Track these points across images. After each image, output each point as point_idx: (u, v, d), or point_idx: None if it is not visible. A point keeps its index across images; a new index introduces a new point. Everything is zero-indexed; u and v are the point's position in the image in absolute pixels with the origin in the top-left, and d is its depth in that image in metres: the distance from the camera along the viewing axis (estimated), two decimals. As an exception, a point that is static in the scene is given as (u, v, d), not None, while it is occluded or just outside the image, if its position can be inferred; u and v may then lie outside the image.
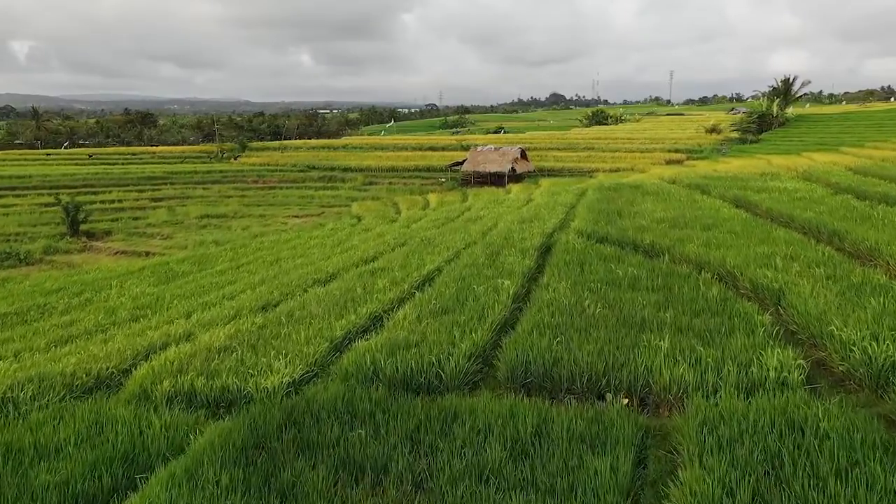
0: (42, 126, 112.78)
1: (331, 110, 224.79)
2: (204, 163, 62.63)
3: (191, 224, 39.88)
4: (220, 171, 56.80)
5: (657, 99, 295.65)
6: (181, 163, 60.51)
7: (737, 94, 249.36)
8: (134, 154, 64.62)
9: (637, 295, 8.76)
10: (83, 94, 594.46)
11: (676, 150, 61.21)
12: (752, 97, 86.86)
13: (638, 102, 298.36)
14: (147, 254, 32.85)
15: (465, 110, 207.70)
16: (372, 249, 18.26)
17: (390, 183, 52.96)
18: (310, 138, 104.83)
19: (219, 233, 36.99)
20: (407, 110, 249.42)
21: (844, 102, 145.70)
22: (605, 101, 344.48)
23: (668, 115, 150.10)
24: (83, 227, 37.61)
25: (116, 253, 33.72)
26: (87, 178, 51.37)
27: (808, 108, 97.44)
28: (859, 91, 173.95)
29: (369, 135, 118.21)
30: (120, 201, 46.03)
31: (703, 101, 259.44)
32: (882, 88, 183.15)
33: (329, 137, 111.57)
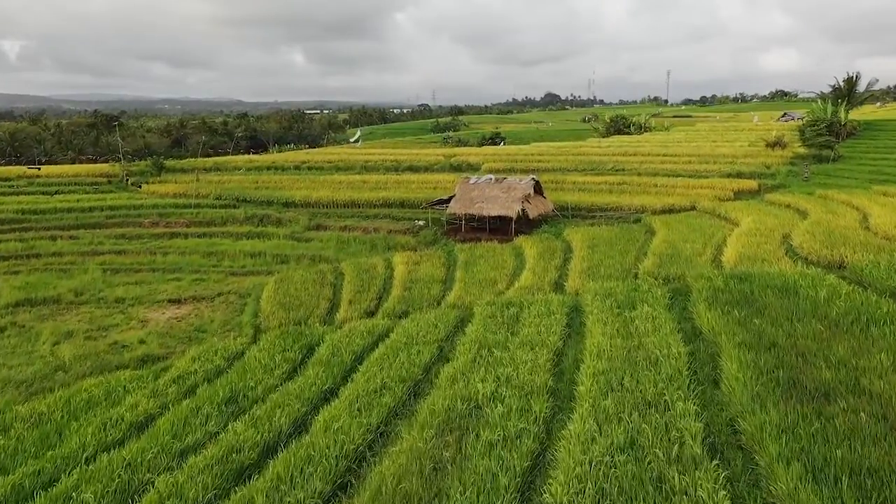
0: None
1: (321, 110, 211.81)
2: (98, 192, 45.73)
3: (-19, 324, 23.44)
4: (110, 208, 40.02)
5: (655, 99, 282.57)
6: (55, 195, 43.27)
7: (740, 93, 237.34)
8: (6, 179, 47.60)
9: None
10: (74, 94, 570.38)
11: (739, 174, 45.08)
12: (810, 97, 71.05)
13: (634, 102, 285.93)
14: None
15: (458, 111, 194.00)
16: None
17: (344, 228, 36.54)
18: (289, 143, 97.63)
19: None
20: (399, 110, 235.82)
21: (879, 104, 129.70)
22: (601, 101, 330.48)
23: (674, 116, 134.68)
24: None
25: None
26: None
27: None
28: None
29: (353, 139, 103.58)
30: (-86, 267, 29.56)
31: (703, 102, 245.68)
32: (888, 87, 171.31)
33: (312, 141, 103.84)
